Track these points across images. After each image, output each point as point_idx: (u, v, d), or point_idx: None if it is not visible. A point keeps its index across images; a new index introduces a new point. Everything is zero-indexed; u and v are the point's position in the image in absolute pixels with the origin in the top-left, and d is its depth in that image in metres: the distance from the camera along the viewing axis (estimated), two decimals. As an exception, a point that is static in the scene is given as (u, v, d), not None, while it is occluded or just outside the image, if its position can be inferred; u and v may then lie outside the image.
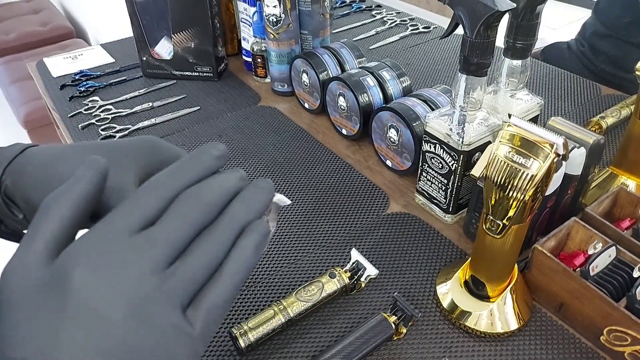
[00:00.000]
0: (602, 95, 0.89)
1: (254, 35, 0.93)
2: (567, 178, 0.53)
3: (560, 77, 0.95)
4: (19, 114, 2.06)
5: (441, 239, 0.61)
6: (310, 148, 0.79)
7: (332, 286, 0.52)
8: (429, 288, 0.55)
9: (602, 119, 0.77)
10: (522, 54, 0.57)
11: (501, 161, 0.41)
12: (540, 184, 0.40)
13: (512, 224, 0.44)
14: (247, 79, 1.00)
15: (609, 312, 0.46)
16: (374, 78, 0.76)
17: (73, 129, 0.86)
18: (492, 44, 0.50)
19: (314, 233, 0.63)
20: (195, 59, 0.96)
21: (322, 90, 0.82)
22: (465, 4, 0.48)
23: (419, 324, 0.52)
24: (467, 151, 0.56)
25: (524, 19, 0.55)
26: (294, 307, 0.50)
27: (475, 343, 0.50)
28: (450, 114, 0.57)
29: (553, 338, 0.50)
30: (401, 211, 0.66)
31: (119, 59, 1.10)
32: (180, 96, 0.95)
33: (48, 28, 2.65)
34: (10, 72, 2.31)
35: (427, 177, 0.63)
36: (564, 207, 0.57)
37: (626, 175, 0.62)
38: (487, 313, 0.50)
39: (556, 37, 1.26)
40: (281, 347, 0.50)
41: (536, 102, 0.62)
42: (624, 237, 0.51)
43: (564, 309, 0.50)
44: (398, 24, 1.18)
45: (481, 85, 0.53)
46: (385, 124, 0.70)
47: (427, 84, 0.94)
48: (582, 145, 0.53)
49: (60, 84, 1.00)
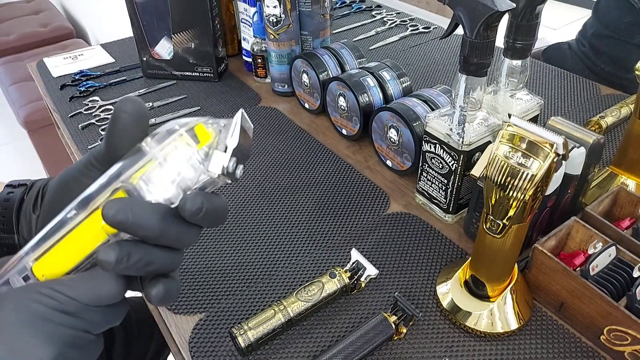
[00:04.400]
0: (601, 94, 0.89)
1: (254, 35, 0.93)
2: (567, 178, 0.53)
3: (560, 77, 0.95)
4: (20, 114, 2.06)
5: (441, 238, 0.61)
6: (310, 148, 0.79)
7: (332, 286, 0.52)
8: (429, 288, 0.55)
9: (601, 118, 0.77)
10: (522, 54, 0.57)
11: (501, 161, 0.41)
12: (540, 184, 0.40)
13: (512, 224, 0.44)
14: (247, 79, 1.00)
15: (609, 312, 0.46)
16: (374, 78, 0.76)
17: (73, 129, 0.86)
18: (492, 44, 0.50)
19: (314, 233, 0.63)
20: (196, 59, 0.96)
21: (322, 90, 0.82)
22: (465, 4, 0.48)
23: (419, 323, 0.52)
24: (467, 151, 0.56)
25: (523, 19, 0.55)
26: (294, 307, 0.50)
27: (475, 343, 0.50)
28: (450, 114, 0.57)
29: (553, 338, 0.50)
30: (401, 211, 0.66)
31: (119, 59, 1.10)
32: (181, 96, 0.95)
33: (48, 29, 2.65)
34: (10, 72, 2.31)
35: (428, 177, 0.63)
36: (564, 206, 0.57)
37: (626, 174, 0.62)
38: (488, 313, 0.50)
39: (556, 37, 1.26)
40: (281, 347, 0.50)
41: (536, 102, 0.62)
42: (624, 237, 0.51)
43: (564, 308, 0.50)
44: (398, 24, 1.18)
45: (481, 86, 0.53)
46: (385, 124, 0.70)
47: (427, 84, 0.94)
48: (582, 144, 0.53)
49: (61, 84, 1.00)
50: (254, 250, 0.61)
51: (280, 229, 0.64)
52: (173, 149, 0.29)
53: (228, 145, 0.29)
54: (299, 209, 0.67)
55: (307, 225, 0.64)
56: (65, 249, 0.30)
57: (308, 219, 0.65)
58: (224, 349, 0.50)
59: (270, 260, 0.60)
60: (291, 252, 0.61)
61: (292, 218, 0.66)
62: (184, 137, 0.29)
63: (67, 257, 0.30)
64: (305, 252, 0.61)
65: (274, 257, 0.60)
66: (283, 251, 0.61)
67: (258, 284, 0.57)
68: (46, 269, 0.30)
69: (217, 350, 0.50)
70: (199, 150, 0.29)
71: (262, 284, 0.57)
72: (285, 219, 0.65)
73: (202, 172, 0.29)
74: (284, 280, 0.57)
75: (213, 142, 0.29)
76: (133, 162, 0.30)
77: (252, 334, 0.48)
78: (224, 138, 0.30)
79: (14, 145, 2.54)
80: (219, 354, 0.50)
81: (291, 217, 0.66)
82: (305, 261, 0.59)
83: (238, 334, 0.48)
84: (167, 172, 0.29)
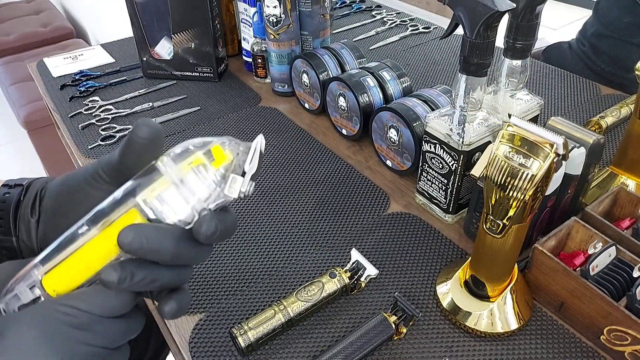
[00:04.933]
0: (601, 94, 0.89)
1: (254, 35, 0.93)
2: (567, 178, 0.53)
3: (560, 77, 0.95)
4: (20, 114, 2.06)
5: (441, 238, 0.61)
6: (310, 148, 0.79)
7: (332, 286, 0.52)
8: (429, 288, 0.55)
9: (601, 118, 0.77)
10: (522, 54, 0.57)
11: (501, 161, 0.41)
12: (540, 184, 0.40)
13: (513, 224, 0.44)
14: (247, 79, 1.00)
15: (609, 312, 0.46)
16: (374, 78, 0.76)
17: (73, 129, 0.86)
18: (492, 44, 0.50)
19: (314, 233, 0.63)
20: (196, 59, 0.96)
21: (322, 90, 0.83)
22: (465, 4, 0.48)
23: (419, 323, 0.52)
24: (467, 151, 0.56)
25: (523, 19, 0.55)
26: (294, 307, 0.50)
27: (475, 343, 0.50)
28: (450, 114, 0.57)
29: (553, 338, 0.50)
30: (401, 211, 0.66)
31: (119, 59, 1.10)
32: (181, 96, 0.95)
33: (49, 29, 2.65)
34: (10, 72, 2.31)
35: (428, 177, 0.63)
36: (564, 206, 0.57)
37: (626, 174, 0.62)
38: (488, 313, 0.50)
39: (556, 37, 1.26)
40: (282, 347, 0.50)
41: (536, 102, 0.62)
42: (624, 237, 0.51)
43: (564, 308, 0.50)
44: (398, 25, 1.18)
45: (481, 86, 0.53)
46: (385, 124, 0.70)
47: (427, 84, 0.94)
48: (582, 144, 0.53)
49: (61, 84, 1.00)
50: (254, 250, 0.61)
51: (280, 229, 0.64)
52: (189, 170, 0.29)
53: (247, 170, 0.30)
54: (299, 209, 0.67)
55: (307, 225, 0.64)
56: (77, 265, 0.30)
57: (308, 219, 0.65)
58: (224, 349, 0.50)
59: (270, 260, 0.60)
60: (291, 252, 0.61)
61: (292, 218, 0.66)
62: (200, 158, 0.29)
63: (79, 272, 0.30)
64: (305, 252, 0.61)
65: (274, 257, 0.60)
66: (283, 251, 0.61)
67: (258, 284, 0.57)
68: (57, 283, 0.30)
69: (217, 351, 0.50)
70: (215, 171, 0.29)
71: (262, 284, 0.57)
72: (285, 219, 0.65)
73: (218, 194, 0.30)
74: (284, 280, 0.57)
75: (230, 164, 0.30)
76: (148, 181, 0.30)
77: (252, 334, 0.48)
78: (242, 161, 0.30)
79: (14, 145, 2.54)
80: (219, 354, 0.50)
81: (291, 217, 0.66)
82: (305, 261, 0.59)
83: (238, 334, 0.48)
84: (182, 193, 0.29)
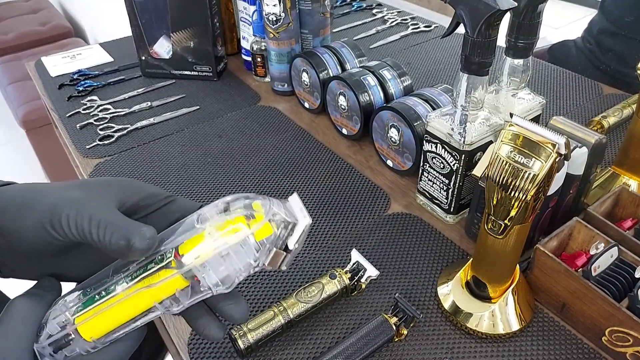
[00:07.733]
0: (604, 94, 0.89)
1: (254, 34, 0.92)
2: (569, 178, 0.53)
3: (562, 77, 0.94)
4: (18, 114, 2.06)
5: (442, 239, 0.61)
6: (310, 148, 0.79)
7: (332, 287, 0.52)
8: (430, 289, 0.55)
9: (604, 118, 0.77)
10: (524, 53, 0.57)
11: (503, 161, 0.41)
12: (542, 184, 0.40)
13: (514, 224, 0.43)
14: (246, 78, 1.00)
15: (611, 313, 0.46)
16: (374, 77, 0.76)
17: (71, 128, 0.86)
18: (494, 43, 0.50)
19: (314, 233, 0.63)
20: (195, 58, 0.96)
21: (322, 89, 0.82)
22: (466, 3, 0.48)
23: (420, 325, 0.51)
24: (469, 151, 0.55)
25: (525, 18, 0.54)
26: (294, 309, 0.50)
27: (476, 344, 0.49)
28: (451, 113, 0.57)
29: (555, 339, 0.50)
30: (402, 211, 0.66)
31: (117, 58, 1.09)
32: (180, 96, 0.94)
33: (47, 27, 2.64)
34: (8, 72, 2.31)
35: (429, 177, 0.62)
36: (565, 207, 0.57)
37: (628, 175, 0.62)
38: (489, 314, 0.49)
39: (558, 36, 1.26)
40: (281, 348, 0.50)
41: (538, 101, 0.62)
42: (626, 237, 0.51)
43: (565, 309, 0.50)
44: (399, 23, 1.18)
45: (483, 85, 0.53)
46: (386, 123, 0.70)
47: (428, 83, 0.94)
48: (584, 144, 0.53)
49: (59, 83, 0.99)
50: (254, 250, 0.61)
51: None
52: (235, 239, 0.30)
53: (290, 247, 0.31)
54: (299, 209, 0.67)
55: (307, 225, 0.64)
56: (114, 316, 0.32)
57: (308, 219, 0.65)
58: (223, 351, 0.50)
59: (270, 260, 0.59)
60: (291, 252, 0.60)
61: (292, 218, 0.65)
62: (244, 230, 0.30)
63: (115, 322, 0.32)
64: (305, 253, 0.60)
65: (274, 258, 0.60)
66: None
67: (258, 284, 0.56)
68: (94, 331, 0.32)
69: (216, 352, 0.50)
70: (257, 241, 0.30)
71: (262, 284, 0.56)
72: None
73: (257, 264, 0.31)
74: (284, 281, 0.57)
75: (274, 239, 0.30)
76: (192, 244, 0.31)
77: (251, 335, 0.48)
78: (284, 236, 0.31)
79: (12, 144, 2.53)
80: (218, 355, 0.49)
81: (291, 217, 0.65)
82: (305, 262, 0.59)
83: (237, 335, 0.47)
84: (227, 262, 0.30)
